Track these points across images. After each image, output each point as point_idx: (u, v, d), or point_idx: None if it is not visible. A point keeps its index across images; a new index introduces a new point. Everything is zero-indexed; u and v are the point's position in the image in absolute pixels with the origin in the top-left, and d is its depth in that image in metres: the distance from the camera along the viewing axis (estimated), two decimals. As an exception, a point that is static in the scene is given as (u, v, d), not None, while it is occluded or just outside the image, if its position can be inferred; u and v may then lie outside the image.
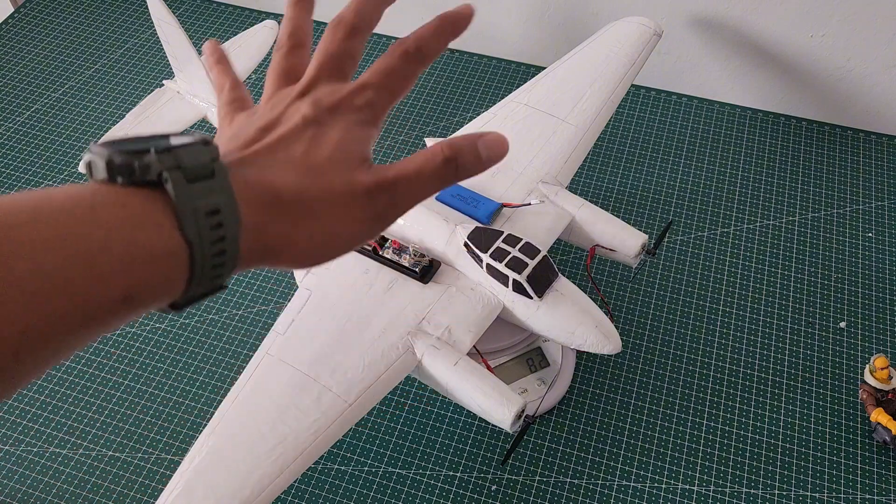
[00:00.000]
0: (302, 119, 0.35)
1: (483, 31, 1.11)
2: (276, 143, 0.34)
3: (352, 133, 0.36)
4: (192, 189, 0.29)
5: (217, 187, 0.30)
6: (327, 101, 0.36)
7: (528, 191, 0.76)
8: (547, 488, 0.72)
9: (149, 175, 0.29)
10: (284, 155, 0.34)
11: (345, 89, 0.37)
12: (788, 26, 0.96)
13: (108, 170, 0.29)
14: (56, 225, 0.26)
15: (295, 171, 0.34)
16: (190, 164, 0.29)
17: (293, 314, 0.68)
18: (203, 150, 0.30)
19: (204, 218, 0.29)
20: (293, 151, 0.34)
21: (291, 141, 0.35)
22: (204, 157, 0.30)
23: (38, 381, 0.80)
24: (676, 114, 1.04)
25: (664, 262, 0.88)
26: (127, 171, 0.29)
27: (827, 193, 0.95)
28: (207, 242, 0.29)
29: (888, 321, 0.83)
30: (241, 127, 0.36)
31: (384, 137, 1.02)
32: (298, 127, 0.35)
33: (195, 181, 0.29)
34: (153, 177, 0.29)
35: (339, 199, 0.34)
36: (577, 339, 0.66)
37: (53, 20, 1.20)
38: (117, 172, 0.29)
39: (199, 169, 0.30)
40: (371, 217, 0.35)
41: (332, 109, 0.36)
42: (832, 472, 0.72)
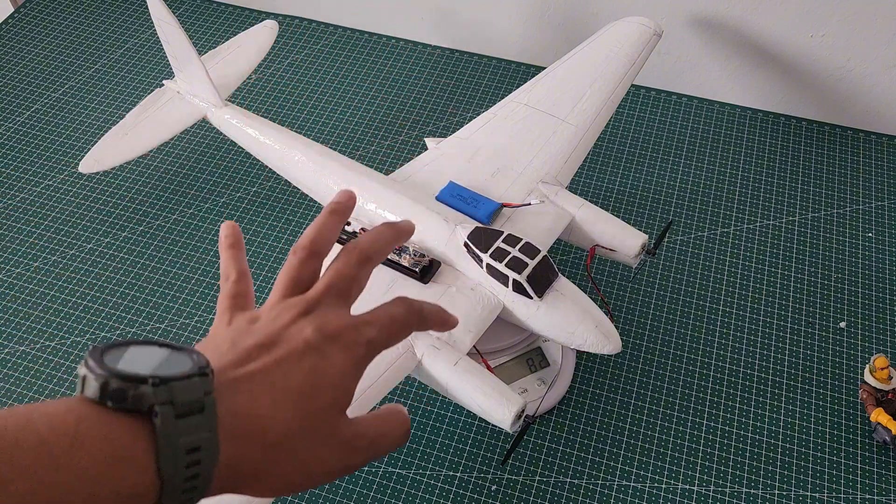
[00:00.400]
0: (304, 343, 0.35)
1: (483, 31, 1.11)
2: (274, 366, 0.34)
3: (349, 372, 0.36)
4: (178, 426, 0.29)
5: (203, 423, 0.30)
6: (331, 329, 0.36)
7: (528, 191, 0.76)
8: (547, 488, 0.72)
9: (140, 406, 0.29)
10: (281, 383, 0.33)
11: (349, 319, 0.37)
12: (788, 26, 0.96)
13: (101, 392, 0.29)
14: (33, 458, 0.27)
15: (287, 406, 0.33)
16: (182, 399, 0.29)
17: (293, 314, 0.68)
18: (198, 385, 0.30)
19: (183, 455, 0.29)
20: (291, 381, 0.34)
21: (290, 367, 0.34)
22: (198, 391, 0.30)
23: (38, 381, 0.80)
24: (676, 114, 1.04)
25: (664, 262, 0.88)
26: (120, 397, 0.29)
27: (827, 193, 0.95)
28: (181, 479, 0.29)
29: (888, 321, 0.83)
30: (240, 334, 0.36)
31: (384, 137, 1.03)
32: (298, 351, 0.34)
33: (183, 416, 0.29)
34: (144, 408, 0.29)
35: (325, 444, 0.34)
36: (577, 339, 0.66)
37: (53, 20, 1.20)
38: (109, 397, 0.29)
39: (191, 404, 0.30)
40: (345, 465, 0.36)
41: (334, 338, 0.36)
42: (832, 472, 0.72)
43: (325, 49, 1.15)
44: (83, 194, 0.97)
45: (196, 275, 0.88)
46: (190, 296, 0.86)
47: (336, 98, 1.08)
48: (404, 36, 1.16)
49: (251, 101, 1.07)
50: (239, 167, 0.99)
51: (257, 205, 0.95)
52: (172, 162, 1.00)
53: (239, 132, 0.84)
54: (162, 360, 0.30)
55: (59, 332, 0.84)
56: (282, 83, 1.10)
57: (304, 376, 0.34)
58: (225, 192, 0.97)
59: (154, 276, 0.88)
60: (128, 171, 0.99)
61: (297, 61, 1.13)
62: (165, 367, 0.30)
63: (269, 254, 0.90)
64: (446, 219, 0.71)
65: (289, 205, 0.95)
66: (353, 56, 1.14)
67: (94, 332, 0.84)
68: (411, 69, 1.12)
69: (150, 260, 0.90)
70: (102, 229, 0.93)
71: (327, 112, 1.06)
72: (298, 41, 1.16)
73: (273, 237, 0.92)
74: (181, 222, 0.93)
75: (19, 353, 0.82)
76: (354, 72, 1.11)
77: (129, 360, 0.30)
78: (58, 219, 0.94)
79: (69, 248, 0.91)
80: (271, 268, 0.89)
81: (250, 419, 0.32)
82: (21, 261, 0.90)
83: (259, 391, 0.33)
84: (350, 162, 0.78)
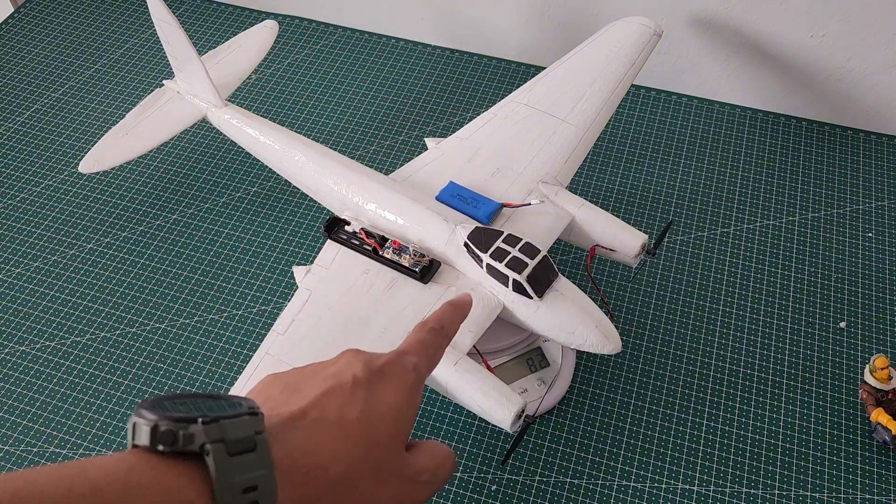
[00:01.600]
0: (352, 378, 0.35)
1: (483, 31, 1.11)
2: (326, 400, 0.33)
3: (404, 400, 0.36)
4: (232, 463, 0.29)
5: (258, 462, 0.29)
6: (378, 363, 0.36)
7: (528, 191, 0.76)
8: (547, 488, 0.72)
9: (192, 446, 0.29)
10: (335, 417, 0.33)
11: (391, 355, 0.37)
12: (788, 26, 0.96)
13: (152, 437, 0.29)
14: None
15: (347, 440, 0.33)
16: (234, 437, 0.29)
17: (293, 314, 0.68)
18: (248, 423, 0.30)
19: (240, 495, 0.29)
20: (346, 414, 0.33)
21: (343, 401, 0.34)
22: (248, 429, 0.30)
23: (37, 381, 0.80)
24: (676, 114, 1.04)
25: (664, 262, 0.88)
26: (170, 439, 0.29)
27: (827, 193, 0.95)
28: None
29: (888, 321, 0.83)
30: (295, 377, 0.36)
31: (384, 137, 1.03)
32: (349, 385, 0.34)
33: (237, 454, 0.29)
34: (196, 448, 0.29)
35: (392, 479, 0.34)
36: (577, 339, 0.66)
37: (53, 20, 1.20)
38: (160, 440, 0.29)
39: (243, 442, 0.29)
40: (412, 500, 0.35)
41: (381, 371, 0.36)
42: (832, 472, 0.72)
43: (325, 49, 1.15)
44: (83, 194, 0.97)
45: (196, 275, 0.88)
46: (190, 296, 0.86)
47: (336, 98, 1.08)
48: (404, 36, 1.16)
49: (251, 101, 1.07)
50: (239, 167, 0.99)
51: (257, 205, 0.95)
52: (172, 162, 1.00)
53: (239, 132, 0.84)
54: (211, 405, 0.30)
55: (59, 332, 0.84)
56: (282, 83, 1.10)
57: (359, 409, 0.34)
58: (225, 192, 0.97)
59: (154, 276, 0.88)
60: (128, 171, 0.99)
61: (297, 61, 1.13)
62: (215, 409, 0.30)
63: (269, 254, 0.90)
64: (446, 219, 0.71)
65: (289, 205, 0.95)
66: (353, 56, 1.14)
67: (94, 332, 0.84)
68: (411, 69, 1.12)
69: (150, 260, 0.90)
70: (102, 229, 0.93)
71: (327, 112, 1.06)
72: (298, 41, 1.16)
73: (273, 237, 0.92)
74: (181, 222, 0.93)
75: (19, 353, 0.82)
76: (354, 72, 1.11)
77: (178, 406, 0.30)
78: (58, 219, 0.94)
79: (69, 248, 0.91)
80: (271, 268, 0.89)
81: (309, 456, 0.31)
82: (21, 261, 0.90)
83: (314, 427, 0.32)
84: (350, 162, 0.78)
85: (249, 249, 0.91)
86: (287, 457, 0.31)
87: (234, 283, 0.87)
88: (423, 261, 0.69)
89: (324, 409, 0.33)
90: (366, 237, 0.71)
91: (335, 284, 0.70)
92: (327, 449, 0.32)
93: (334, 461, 0.32)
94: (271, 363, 0.65)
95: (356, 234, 0.72)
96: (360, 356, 0.36)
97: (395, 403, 0.35)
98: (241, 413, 0.30)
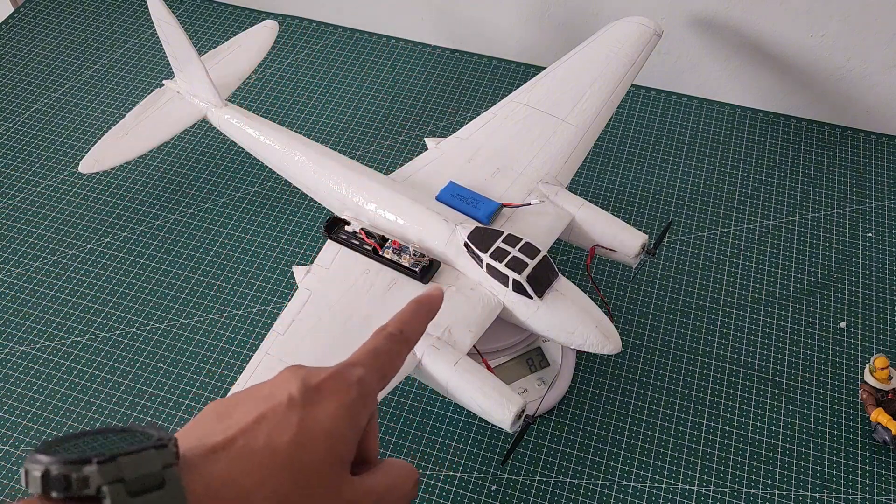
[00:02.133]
0: (287, 399, 0.32)
1: (483, 31, 1.11)
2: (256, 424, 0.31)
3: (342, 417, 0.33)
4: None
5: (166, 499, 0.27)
6: (315, 380, 0.33)
7: (528, 191, 0.76)
8: (547, 488, 0.72)
9: (87, 490, 0.26)
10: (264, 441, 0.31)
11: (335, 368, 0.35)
12: (788, 26, 0.96)
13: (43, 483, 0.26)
14: None
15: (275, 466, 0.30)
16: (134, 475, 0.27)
17: (293, 314, 0.68)
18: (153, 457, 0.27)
19: None
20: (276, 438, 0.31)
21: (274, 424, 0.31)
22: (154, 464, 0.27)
23: (37, 381, 0.80)
24: (676, 114, 1.04)
25: (664, 262, 0.88)
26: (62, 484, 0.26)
27: (827, 193, 0.95)
28: None
29: (888, 321, 0.83)
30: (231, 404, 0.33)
31: (384, 137, 1.03)
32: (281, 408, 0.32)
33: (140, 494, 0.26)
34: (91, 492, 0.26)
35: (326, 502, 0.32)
36: (577, 339, 0.66)
37: (53, 20, 1.20)
38: (52, 486, 0.26)
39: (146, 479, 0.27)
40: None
41: (319, 389, 0.33)
42: (832, 472, 0.72)
43: (325, 49, 1.15)
44: (83, 194, 0.97)
45: (196, 275, 0.88)
46: (190, 296, 0.86)
47: (336, 98, 1.08)
48: (404, 36, 1.16)
49: (251, 101, 1.07)
50: (239, 167, 0.99)
51: (257, 205, 0.95)
52: (172, 162, 1.00)
53: (239, 132, 0.84)
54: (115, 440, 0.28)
55: (59, 332, 0.84)
56: (282, 83, 1.10)
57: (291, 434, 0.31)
58: (225, 192, 0.97)
59: (154, 276, 0.88)
60: (128, 171, 0.99)
61: (297, 61, 1.13)
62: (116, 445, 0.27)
63: (269, 254, 0.90)
64: (446, 219, 0.70)
65: (289, 205, 0.95)
66: (353, 56, 1.14)
67: (94, 332, 0.84)
68: (411, 69, 1.12)
69: (150, 260, 0.90)
70: (102, 229, 0.93)
71: (327, 112, 1.06)
72: (298, 41, 1.16)
73: (273, 237, 0.92)
74: (181, 222, 0.93)
75: (19, 353, 0.82)
76: (354, 72, 1.11)
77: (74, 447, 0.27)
78: (58, 219, 0.94)
79: (69, 248, 0.91)
80: (271, 268, 0.89)
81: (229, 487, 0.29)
82: (21, 261, 0.90)
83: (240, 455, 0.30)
84: (350, 162, 0.78)
85: (249, 249, 0.91)
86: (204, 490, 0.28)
87: (234, 283, 0.87)
88: (423, 261, 0.69)
89: (252, 435, 0.31)
90: (366, 237, 0.71)
91: (335, 284, 0.70)
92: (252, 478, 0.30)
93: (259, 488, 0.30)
94: (271, 363, 0.65)
95: (356, 234, 0.72)
96: (299, 373, 0.34)
97: (332, 424, 0.32)
98: (145, 447, 0.27)
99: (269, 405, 0.32)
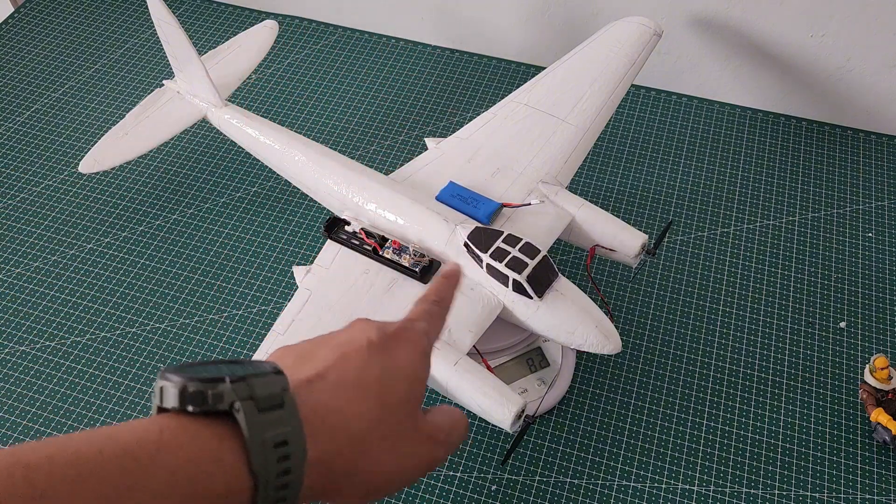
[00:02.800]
0: (367, 342, 0.35)
1: (483, 31, 1.11)
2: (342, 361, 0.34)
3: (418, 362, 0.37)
4: (262, 419, 0.29)
5: (287, 418, 0.30)
6: (390, 329, 0.37)
7: (528, 191, 0.76)
8: (547, 488, 0.72)
9: (221, 404, 0.29)
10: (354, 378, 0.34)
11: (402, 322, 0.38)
12: (788, 26, 0.96)
13: (181, 398, 0.29)
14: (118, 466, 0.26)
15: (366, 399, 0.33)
16: (262, 394, 0.29)
17: (293, 314, 0.68)
18: (275, 380, 0.30)
19: (272, 450, 0.29)
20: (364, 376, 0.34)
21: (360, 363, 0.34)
22: (276, 386, 0.30)
23: (38, 381, 0.80)
24: (676, 114, 1.04)
25: (664, 262, 0.88)
26: (200, 399, 0.29)
27: (827, 193, 0.95)
28: (273, 475, 0.29)
29: (888, 321, 0.83)
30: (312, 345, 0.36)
31: (384, 137, 1.03)
32: (364, 349, 0.35)
33: (266, 410, 0.29)
34: (225, 406, 0.29)
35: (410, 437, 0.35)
36: (577, 339, 0.66)
37: (53, 20, 1.20)
38: (189, 401, 0.29)
39: (271, 398, 0.30)
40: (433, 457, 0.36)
41: (396, 335, 0.37)
42: (832, 472, 0.72)
43: (325, 49, 1.15)
44: (83, 194, 0.97)
45: (196, 275, 0.88)
46: (190, 296, 0.86)
47: (336, 98, 1.08)
48: (404, 36, 1.16)
49: (251, 101, 1.07)
50: (239, 167, 0.99)
51: (257, 205, 0.95)
52: (172, 162, 1.00)
53: (239, 132, 0.84)
54: (235, 367, 0.31)
55: (59, 332, 0.84)
56: (282, 83, 1.10)
57: (377, 370, 0.34)
58: (225, 192, 0.97)
59: (154, 276, 0.88)
60: (128, 171, 0.99)
61: (297, 61, 1.13)
62: (240, 370, 0.30)
63: (269, 254, 0.90)
64: (446, 219, 0.71)
65: (289, 205, 0.95)
66: (353, 56, 1.14)
67: (94, 332, 0.84)
68: (411, 69, 1.12)
69: (150, 260, 0.90)
70: (102, 229, 0.93)
71: (327, 112, 1.06)
72: (298, 41, 1.16)
73: (273, 237, 0.92)
74: (181, 222, 0.93)
75: (19, 353, 0.82)
76: (354, 72, 1.11)
77: (203, 369, 0.30)
78: (58, 219, 0.94)
79: (69, 248, 0.91)
80: (271, 268, 0.89)
81: (332, 413, 0.32)
82: (21, 261, 0.90)
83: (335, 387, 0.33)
84: (350, 162, 0.78)
85: (249, 249, 0.91)
86: (312, 414, 0.31)
87: (234, 283, 0.87)
88: (423, 261, 0.69)
89: (342, 370, 0.34)
90: (366, 237, 0.71)
91: (335, 284, 0.70)
92: (349, 408, 0.32)
93: (356, 419, 0.32)
94: (271, 363, 0.65)
95: (356, 234, 0.72)
96: (373, 323, 0.37)
97: (411, 366, 0.36)
98: (267, 372, 0.30)
99: (352, 347, 0.35)
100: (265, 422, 0.29)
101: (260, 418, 0.29)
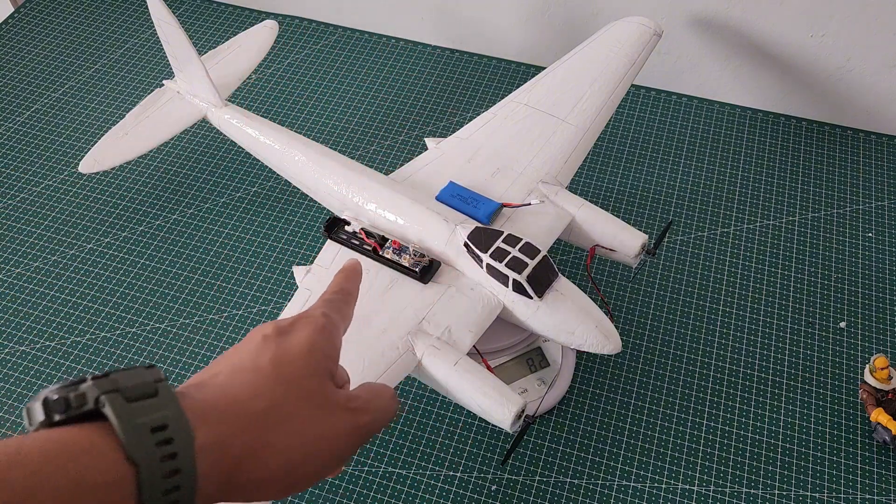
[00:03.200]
0: (262, 337, 0.36)
1: (483, 31, 1.11)
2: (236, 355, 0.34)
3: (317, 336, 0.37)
4: (132, 407, 0.28)
5: (161, 404, 0.29)
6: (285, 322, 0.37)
7: (528, 191, 0.76)
8: (547, 488, 0.72)
9: (86, 403, 0.28)
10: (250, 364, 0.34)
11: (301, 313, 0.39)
12: (788, 26, 0.96)
13: (45, 409, 0.28)
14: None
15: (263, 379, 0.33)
16: (129, 384, 0.28)
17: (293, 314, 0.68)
18: (144, 373, 0.30)
19: (148, 434, 0.28)
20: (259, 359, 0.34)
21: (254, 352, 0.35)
22: (146, 377, 0.29)
23: (38, 381, 0.80)
24: (676, 114, 1.04)
25: (664, 262, 0.88)
26: (63, 405, 0.28)
27: (827, 193, 0.95)
28: (156, 460, 0.28)
29: (888, 321, 0.83)
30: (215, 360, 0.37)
31: (384, 137, 1.03)
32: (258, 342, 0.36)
33: (135, 400, 0.28)
34: (90, 404, 0.28)
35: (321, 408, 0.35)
36: (577, 339, 0.66)
37: (53, 20, 1.20)
38: (54, 409, 0.28)
39: (140, 388, 0.29)
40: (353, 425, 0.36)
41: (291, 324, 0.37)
42: (832, 472, 0.72)
43: (325, 49, 1.15)
44: (83, 194, 0.97)
45: (196, 275, 0.88)
46: (190, 296, 0.86)
47: (336, 98, 1.08)
48: (404, 36, 1.16)
49: (251, 101, 1.07)
50: (239, 167, 0.99)
51: (257, 205, 0.95)
52: (172, 162, 1.00)
53: (239, 132, 0.84)
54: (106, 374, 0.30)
55: (59, 332, 0.84)
56: (282, 83, 1.10)
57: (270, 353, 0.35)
58: (225, 192, 0.97)
59: (154, 276, 0.88)
60: (128, 171, 0.99)
61: (297, 61, 1.13)
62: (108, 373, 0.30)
63: (269, 254, 0.90)
64: (446, 219, 0.70)
65: (289, 205, 0.95)
66: (353, 56, 1.14)
67: (94, 332, 0.84)
68: (411, 69, 1.12)
69: (150, 260, 0.90)
70: (102, 229, 0.93)
71: (327, 112, 1.06)
72: (298, 41, 1.16)
73: (273, 237, 0.92)
74: (181, 222, 0.94)
75: (19, 353, 0.82)
76: (354, 72, 1.11)
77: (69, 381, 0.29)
78: (58, 219, 0.94)
79: (69, 248, 0.91)
80: (271, 268, 0.89)
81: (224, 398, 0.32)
82: (21, 261, 0.90)
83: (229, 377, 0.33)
84: (350, 162, 0.78)
85: (249, 249, 0.91)
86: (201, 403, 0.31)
87: (234, 283, 0.87)
88: (423, 261, 0.69)
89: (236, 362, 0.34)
90: (366, 237, 0.71)
91: (335, 284, 0.70)
92: (244, 390, 0.33)
93: (253, 399, 0.32)
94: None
95: (356, 234, 0.72)
96: (268, 323, 0.38)
97: (307, 340, 0.36)
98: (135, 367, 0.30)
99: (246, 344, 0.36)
100: (136, 409, 0.28)
101: (129, 407, 0.28)
